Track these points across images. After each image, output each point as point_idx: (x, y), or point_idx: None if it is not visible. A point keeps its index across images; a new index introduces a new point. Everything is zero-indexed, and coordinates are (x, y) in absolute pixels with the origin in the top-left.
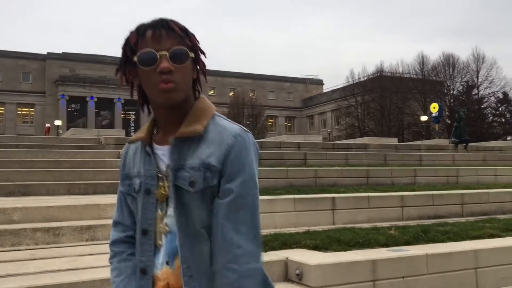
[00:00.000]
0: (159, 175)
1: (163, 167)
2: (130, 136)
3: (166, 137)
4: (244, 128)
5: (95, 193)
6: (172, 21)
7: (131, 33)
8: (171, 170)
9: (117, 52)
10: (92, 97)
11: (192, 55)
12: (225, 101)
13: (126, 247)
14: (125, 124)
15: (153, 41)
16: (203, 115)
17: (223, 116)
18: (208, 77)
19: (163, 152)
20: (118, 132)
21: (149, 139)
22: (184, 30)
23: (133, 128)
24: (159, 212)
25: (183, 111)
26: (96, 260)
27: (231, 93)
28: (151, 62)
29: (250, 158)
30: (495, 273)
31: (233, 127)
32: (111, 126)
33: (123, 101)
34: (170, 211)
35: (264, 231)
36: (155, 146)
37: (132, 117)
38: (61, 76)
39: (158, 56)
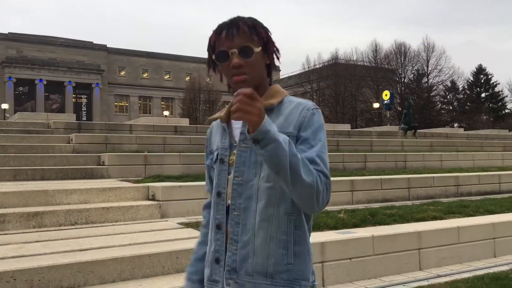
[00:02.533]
0: (234, 144)
1: (237, 138)
2: (81, 120)
3: None
4: (314, 104)
5: (43, 179)
6: (243, 20)
7: (212, 33)
8: (245, 134)
9: (68, 34)
10: (41, 80)
11: (257, 49)
12: (181, 86)
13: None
14: (77, 108)
15: (226, 40)
16: (277, 94)
17: (295, 97)
18: (164, 61)
19: (239, 125)
20: (68, 117)
21: (226, 117)
22: (252, 26)
23: (85, 112)
24: (231, 175)
25: (260, 91)
26: (44, 247)
27: (187, 78)
28: (225, 59)
29: (320, 128)
30: (437, 253)
31: (307, 102)
32: (61, 110)
33: (74, 85)
34: (234, 171)
35: None
36: (233, 121)
37: (84, 101)
38: (8, 57)
39: (230, 53)
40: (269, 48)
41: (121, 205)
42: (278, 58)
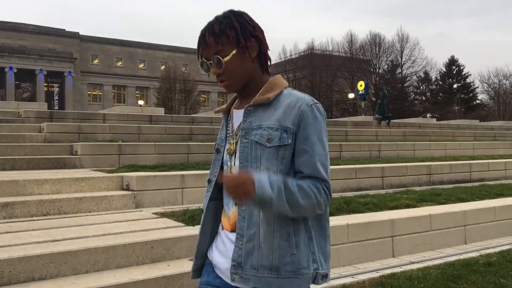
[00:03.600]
0: (230, 134)
1: (235, 127)
2: (53, 109)
3: (243, 104)
4: (313, 99)
5: (13, 169)
6: (211, 28)
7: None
8: (245, 129)
9: (39, 21)
10: (11, 68)
11: (227, 57)
12: (156, 75)
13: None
14: (49, 97)
15: (202, 51)
16: (275, 87)
17: (295, 90)
18: (138, 49)
19: (239, 115)
20: (39, 106)
21: (228, 109)
22: (220, 32)
23: (57, 101)
24: (229, 163)
25: (253, 86)
26: (15, 238)
27: (162, 67)
28: (207, 70)
29: (319, 124)
30: (409, 241)
31: (305, 97)
32: (32, 99)
33: (45, 73)
34: (237, 162)
35: (193, 206)
36: (234, 111)
37: (56, 89)
38: None
39: (209, 64)
40: (247, 44)
41: (95, 195)
42: (263, 47)
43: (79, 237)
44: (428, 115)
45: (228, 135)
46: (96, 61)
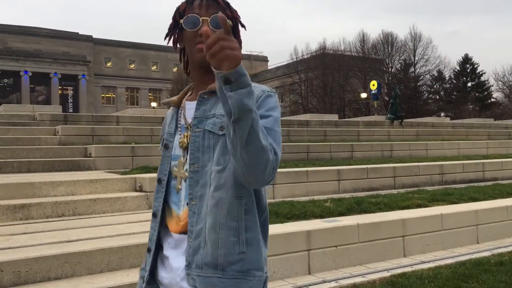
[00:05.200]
0: (185, 126)
1: (189, 119)
2: (67, 112)
3: (197, 93)
4: (271, 88)
5: (29, 171)
6: None
7: (182, 2)
8: (198, 118)
9: (53, 25)
10: (26, 72)
11: (230, 23)
12: (169, 77)
13: None
14: (63, 100)
15: (198, 8)
16: None
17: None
18: (151, 52)
19: (191, 106)
20: (54, 108)
21: (179, 101)
22: (227, 3)
23: (71, 104)
24: (181, 159)
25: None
26: (31, 239)
27: (175, 69)
28: (194, 25)
29: (275, 105)
30: (420, 240)
31: (262, 86)
32: (47, 102)
33: (60, 76)
34: (188, 157)
35: None
36: (187, 103)
37: (70, 92)
38: None
39: (201, 21)
40: (236, 30)
41: (109, 197)
42: (240, 44)
43: (93, 237)
44: (442, 114)
45: (179, 127)
46: (109, 63)
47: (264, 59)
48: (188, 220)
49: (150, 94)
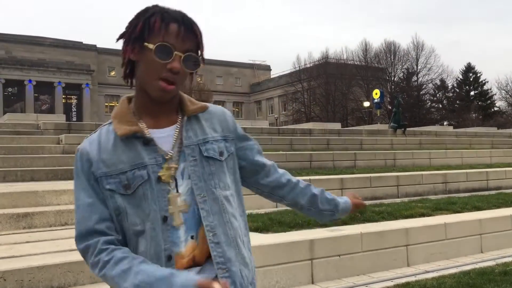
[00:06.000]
0: (166, 157)
1: (169, 148)
2: (71, 121)
3: (160, 121)
4: None
5: (33, 180)
6: (195, 23)
7: (155, 16)
8: (190, 146)
9: (57, 34)
10: (30, 81)
11: (201, 64)
12: None
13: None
14: (67, 109)
15: (175, 37)
16: (192, 99)
17: None
18: None
19: (165, 134)
20: (57, 117)
21: (141, 129)
22: (201, 36)
23: (75, 113)
24: (173, 193)
25: (172, 99)
26: (34, 248)
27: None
28: (166, 57)
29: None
30: (424, 250)
31: (217, 105)
32: (51, 111)
33: (64, 85)
34: (182, 188)
35: None
36: (154, 131)
37: (74, 101)
38: None
39: (174, 54)
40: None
41: None
42: (191, 81)
43: None
44: (445, 122)
45: (164, 158)
46: (113, 72)
47: (267, 68)
48: (212, 253)
49: None
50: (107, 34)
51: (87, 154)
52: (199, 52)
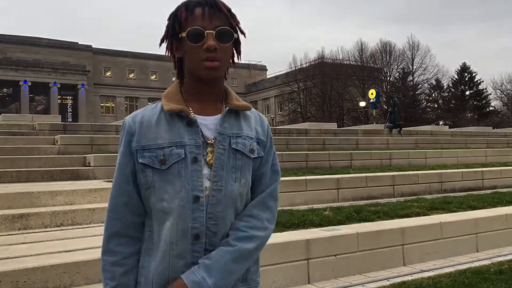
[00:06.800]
0: (208, 142)
1: (210, 135)
2: (66, 121)
3: (206, 109)
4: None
5: (28, 180)
6: (220, 1)
7: (180, 8)
8: (223, 135)
9: (53, 35)
10: (25, 81)
11: (236, 35)
12: (168, 87)
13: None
14: (62, 110)
15: (201, 18)
16: (237, 96)
17: None
18: (150, 61)
19: (207, 122)
20: (53, 118)
21: (187, 109)
22: (229, 10)
23: (70, 113)
24: (210, 179)
25: (219, 86)
26: (29, 249)
27: (174, 78)
28: (199, 39)
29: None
30: (420, 249)
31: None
32: (46, 111)
33: (59, 86)
34: (213, 175)
35: None
36: (197, 116)
37: (70, 102)
38: None
39: (206, 34)
40: (238, 41)
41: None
42: (240, 54)
43: (92, 247)
44: (441, 122)
45: (205, 142)
46: (109, 73)
47: (263, 68)
48: (206, 240)
49: (149, 103)
50: (103, 35)
51: (129, 126)
52: (233, 26)
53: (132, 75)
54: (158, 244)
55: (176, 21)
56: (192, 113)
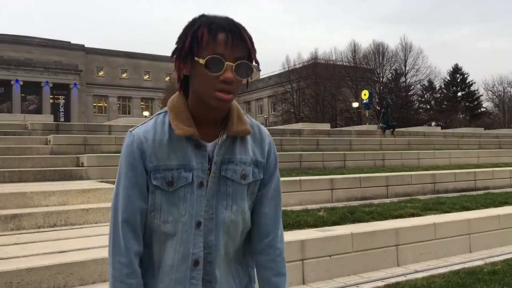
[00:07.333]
0: (208, 168)
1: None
2: (59, 121)
3: (207, 133)
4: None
5: (20, 181)
6: (244, 29)
7: (201, 28)
8: (217, 163)
9: (45, 34)
10: (17, 81)
11: (254, 71)
12: (161, 86)
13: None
14: (54, 109)
15: (224, 47)
16: (242, 115)
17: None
18: (143, 61)
19: (210, 148)
20: (45, 118)
21: (197, 132)
22: (251, 39)
23: (62, 113)
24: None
25: (224, 112)
26: (22, 250)
27: (167, 78)
28: (218, 69)
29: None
30: (414, 249)
31: (262, 126)
32: (38, 111)
33: (51, 85)
34: (205, 204)
35: None
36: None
37: (62, 101)
38: None
39: (225, 65)
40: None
41: (101, 207)
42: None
43: (86, 248)
44: (433, 123)
45: (203, 164)
46: (101, 73)
47: (256, 68)
48: (202, 270)
49: (142, 103)
50: (96, 33)
51: (140, 142)
52: (251, 57)
53: (125, 74)
54: (159, 265)
55: (195, 42)
56: (198, 138)
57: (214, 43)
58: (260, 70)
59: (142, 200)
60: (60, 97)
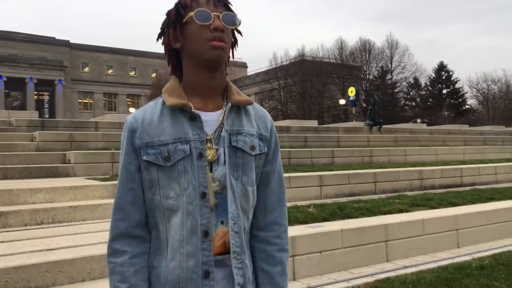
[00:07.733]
0: (207, 138)
1: (209, 131)
2: (43, 118)
3: (207, 104)
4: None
5: (6, 178)
6: None
7: None
8: (229, 133)
9: (29, 29)
10: (1, 77)
11: (239, 22)
12: (147, 83)
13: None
14: (39, 106)
15: (206, 5)
16: (239, 91)
17: None
18: (129, 57)
19: (209, 118)
20: (30, 114)
21: (190, 103)
22: (230, 3)
23: (47, 109)
24: (209, 173)
25: (221, 78)
26: (10, 248)
27: (154, 75)
28: (206, 18)
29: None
30: (403, 245)
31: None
32: (22, 107)
33: (35, 81)
34: (218, 172)
35: None
36: (200, 112)
37: (46, 98)
38: None
39: (212, 16)
40: (237, 30)
41: (89, 204)
42: (236, 44)
43: (74, 245)
44: (418, 120)
45: (200, 135)
46: (87, 69)
47: (243, 65)
48: (231, 241)
49: (128, 99)
50: (81, 29)
51: (131, 124)
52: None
53: (111, 71)
54: (167, 243)
55: (180, 6)
56: (191, 109)
57: (197, 3)
58: (247, 67)
59: (131, 181)
60: (44, 93)
